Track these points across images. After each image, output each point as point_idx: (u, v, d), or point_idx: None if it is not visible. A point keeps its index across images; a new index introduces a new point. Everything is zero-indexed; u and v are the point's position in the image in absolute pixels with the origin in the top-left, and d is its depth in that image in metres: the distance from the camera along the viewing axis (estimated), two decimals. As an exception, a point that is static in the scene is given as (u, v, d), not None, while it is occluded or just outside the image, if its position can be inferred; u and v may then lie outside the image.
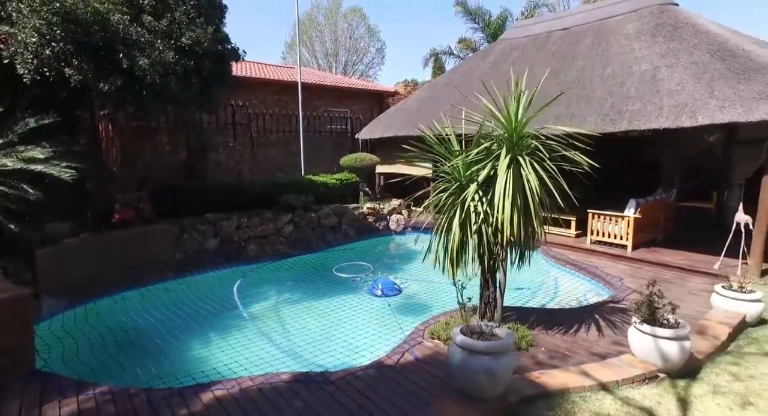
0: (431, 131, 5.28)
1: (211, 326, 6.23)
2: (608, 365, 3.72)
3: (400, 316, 6.32)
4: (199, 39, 6.81)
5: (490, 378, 2.81)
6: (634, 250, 8.61)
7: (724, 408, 3.20)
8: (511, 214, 4.38)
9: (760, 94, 6.28)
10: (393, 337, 5.42)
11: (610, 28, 9.57)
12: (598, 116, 8.01)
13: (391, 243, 11.54)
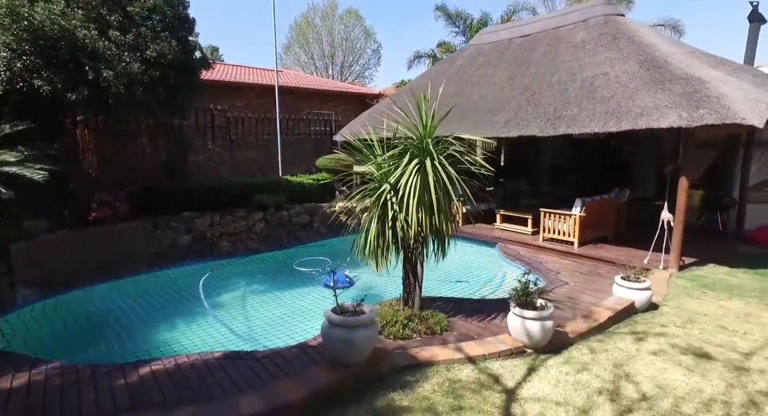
0: (376, 133, 5.82)
1: (173, 314, 6.83)
2: (483, 343, 4.29)
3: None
4: (163, 51, 7.42)
5: (348, 346, 3.39)
6: (581, 246, 9.12)
7: (563, 373, 3.76)
8: (417, 212, 4.94)
9: (670, 103, 6.80)
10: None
11: (562, 37, 10.09)
12: (542, 121, 8.54)
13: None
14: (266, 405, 2.99)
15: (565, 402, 3.33)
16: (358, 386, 3.42)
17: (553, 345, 4.34)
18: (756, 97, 7.03)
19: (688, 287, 6.55)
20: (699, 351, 4.36)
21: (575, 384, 3.59)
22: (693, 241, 9.42)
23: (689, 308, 5.65)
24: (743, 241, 9.63)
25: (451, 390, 3.43)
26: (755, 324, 5.08)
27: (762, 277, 7.04)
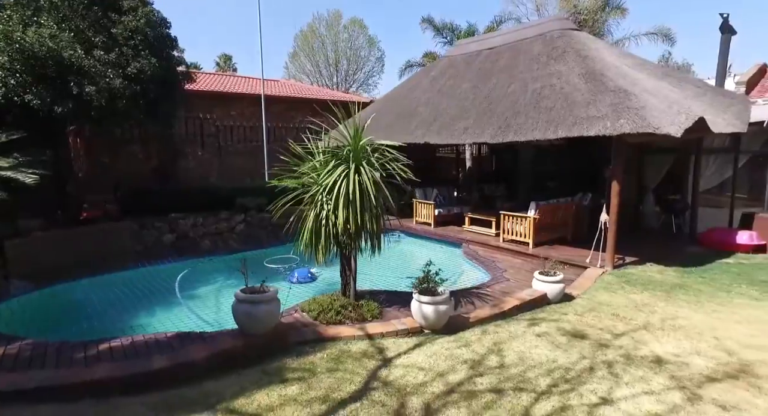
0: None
1: (151, 304, 7.60)
2: (386, 324, 4.96)
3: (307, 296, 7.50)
4: (143, 68, 8.26)
5: (249, 318, 4.10)
6: (537, 247, 9.69)
7: (443, 348, 4.40)
8: (344, 211, 5.63)
9: (599, 113, 7.41)
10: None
11: (521, 49, 10.72)
12: (494, 128, 9.18)
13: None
14: (171, 362, 3.71)
15: (429, 368, 3.98)
16: (261, 352, 4.12)
17: (451, 327, 4.99)
18: (680, 108, 7.60)
19: (612, 282, 7.12)
20: (579, 332, 4.96)
21: (448, 356, 4.24)
22: (646, 242, 9.98)
23: (599, 300, 6.24)
24: (694, 242, 10.09)
25: (337, 357, 4.11)
26: (645, 312, 5.65)
27: (686, 274, 7.55)
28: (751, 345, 4.68)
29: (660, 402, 3.53)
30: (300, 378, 3.70)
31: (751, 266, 8.21)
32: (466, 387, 3.64)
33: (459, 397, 3.48)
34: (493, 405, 3.38)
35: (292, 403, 3.31)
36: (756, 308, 5.87)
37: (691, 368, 4.16)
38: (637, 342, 4.74)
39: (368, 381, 3.68)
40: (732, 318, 5.51)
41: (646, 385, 3.81)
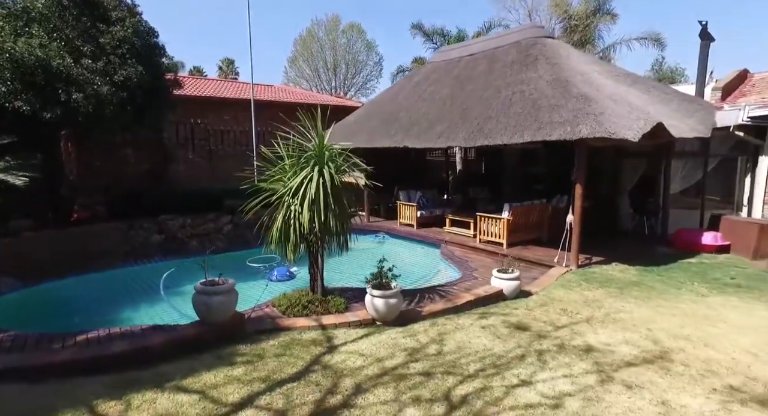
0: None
1: (135, 301, 7.98)
2: (341, 316, 5.32)
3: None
4: (130, 76, 8.68)
5: (206, 308, 4.46)
6: (510, 247, 10.03)
7: (390, 337, 4.74)
8: (309, 211, 5.99)
9: (561, 118, 7.77)
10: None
11: (497, 57, 11.09)
12: (467, 133, 9.54)
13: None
14: (131, 346, 4.08)
15: (370, 354, 4.33)
16: (218, 339, 4.49)
17: (402, 319, 5.34)
18: (640, 114, 7.94)
19: (572, 280, 7.45)
20: (523, 325, 5.31)
21: (391, 345, 4.60)
22: (618, 243, 10.29)
23: (553, 297, 6.57)
24: (664, 243, 10.40)
25: (287, 344, 4.48)
26: (592, 307, 5.99)
27: (646, 273, 7.87)
28: (678, 335, 5.01)
29: (574, 384, 3.87)
30: (248, 362, 4.07)
31: (711, 265, 8.52)
32: (399, 371, 4.00)
33: (389, 379, 3.84)
34: (419, 386, 3.73)
35: (235, 382, 3.67)
36: (697, 303, 6.19)
37: (615, 355, 4.50)
38: (574, 333, 5.08)
39: (309, 365, 4.04)
40: (671, 311, 5.83)
41: (567, 370, 4.15)
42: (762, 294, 6.60)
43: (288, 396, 3.49)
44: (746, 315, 5.76)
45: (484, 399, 3.55)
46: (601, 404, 3.54)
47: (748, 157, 10.49)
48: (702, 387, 3.86)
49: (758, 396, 3.72)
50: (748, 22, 49.30)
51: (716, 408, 3.53)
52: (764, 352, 4.60)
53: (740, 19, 50.14)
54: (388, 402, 3.46)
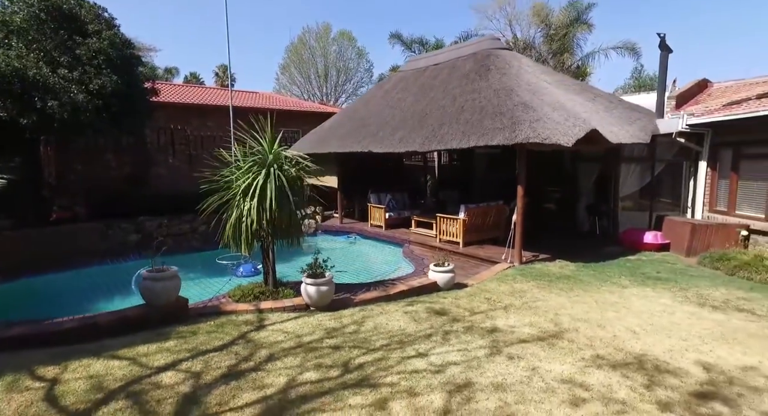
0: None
1: (109, 295, 8.54)
2: (278, 301, 5.92)
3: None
4: (105, 84, 9.29)
5: (150, 292, 5.05)
6: (467, 246, 10.64)
7: (317, 320, 5.34)
8: (258, 210, 6.58)
9: (501, 125, 8.42)
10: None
11: (457, 67, 11.77)
12: (423, 138, 10.18)
13: (303, 243, 13.87)
14: (80, 323, 4.67)
15: (292, 332, 4.93)
16: (162, 320, 5.08)
17: (334, 305, 5.95)
18: (576, 121, 8.58)
19: (509, 275, 8.06)
20: (443, 311, 5.91)
21: (315, 325, 5.19)
22: (571, 242, 10.90)
23: (485, 288, 7.18)
24: (614, 242, 11.02)
25: (221, 324, 5.07)
26: (516, 297, 6.60)
27: (583, 268, 8.48)
28: (579, 319, 5.62)
29: (464, 356, 4.46)
30: (181, 337, 4.66)
31: (646, 261, 9.15)
32: (312, 345, 4.59)
33: (301, 350, 4.43)
34: (324, 356, 4.33)
35: (165, 352, 4.26)
36: (613, 294, 6.81)
37: (514, 335, 5.10)
38: (487, 318, 5.68)
39: (235, 339, 4.63)
40: (584, 300, 6.45)
41: (464, 346, 4.74)
42: (675, 286, 7.23)
43: (207, 362, 4.08)
44: (650, 302, 6.37)
45: (378, 366, 4.14)
46: (478, 370, 4.14)
47: (690, 162, 11.15)
48: (573, 358, 4.46)
49: (615, 362, 4.33)
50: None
51: (575, 371, 4.13)
52: (644, 331, 5.21)
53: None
54: (293, 367, 4.05)
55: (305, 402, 3.45)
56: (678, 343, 4.90)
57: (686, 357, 4.55)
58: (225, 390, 3.60)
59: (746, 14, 50.10)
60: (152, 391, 3.50)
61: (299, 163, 7.49)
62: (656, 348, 4.74)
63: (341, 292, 6.73)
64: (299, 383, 3.77)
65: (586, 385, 3.89)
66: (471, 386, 3.82)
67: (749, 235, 9.13)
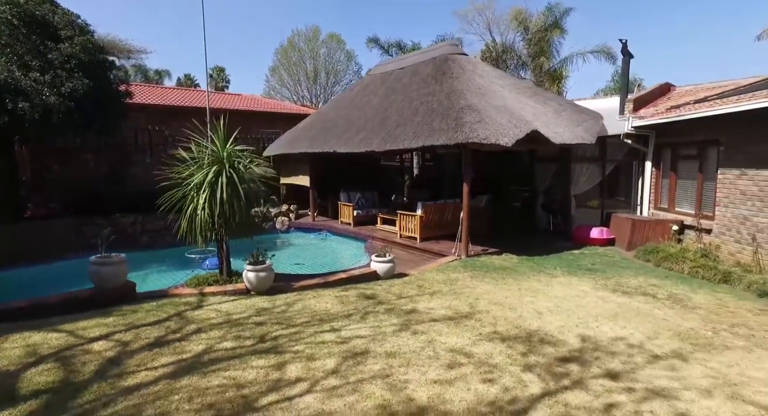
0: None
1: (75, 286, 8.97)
2: (221, 286, 6.47)
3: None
4: (76, 87, 9.81)
5: (97, 277, 5.59)
6: (424, 241, 11.19)
7: (254, 302, 5.89)
8: (210, 205, 7.12)
9: (446, 127, 8.99)
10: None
11: (418, 71, 12.35)
12: (380, 138, 10.75)
13: (276, 240, 14.44)
14: (31, 303, 5.20)
15: (225, 311, 5.48)
16: (109, 301, 5.62)
17: (274, 290, 6.50)
18: (518, 122, 9.16)
19: (451, 266, 8.63)
20: (373, 295, 6.47)
21: (249, 306, 5.74)
22: (527, 238, 11.48)
23: (423, 277, 7.75)
24: (567, 238, 11.62)
25: (163, 304, 5.62)
26: (448, 285, 7.17)
27: (525, 261, 9.05)
28: (496, 303, 6.18)
29: (373, 331, 5.02)
30: (122, 314, 5.20)
31: (587, 254, 9.75)
32: (239, 321, 5.14)
33: (227, 325, 4.98)
34: (246, 330, 4.88)
35: (102, 326, 4.80)
36: (539, 282, 7.38)
37: (429, 315, 5.66)
38: (411, 302, 6.24)
39: (170, 316, 5.18)
40: (509, 287, 7.03)
41: (377, 323, 5.30)
42: (601, 275, 7.82)
43: (138, 334, 4.63)
44: (569, 289, 6.96)
45: (290, 338, 4.70)
46: (380, 342, 4.69)
47: (639, 162, 11.76)
48: (471, 333, 5.03)
49: (507, 336, 4.90)
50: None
51: (466, 343, 4.70)
52: (549, 312, 5.79)
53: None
54: (214, 338, 4.61)
55: (214, 363, 4.00)
56: (572, 321, 5.48)
57: (573, 332, 5.13)
58: (147, 355, 4.15)
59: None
60: (80, 356, 4.04)
61: (254, 161, 7.99)
62: (551, 326, 5.32)
63: (288, 281, 7.29)
64: (215, 350, 4.32)
65: (469, 354, 4.45)
66: (367, 354, 4.38)
67: (681, 229, 9.73)
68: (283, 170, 16.67)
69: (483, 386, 3.76)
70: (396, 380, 3.83)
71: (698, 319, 5.61)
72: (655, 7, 52.84)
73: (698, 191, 9.70)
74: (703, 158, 9.55)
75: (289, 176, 16.38)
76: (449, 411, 3.36)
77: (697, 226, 9.22)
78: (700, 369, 4.18)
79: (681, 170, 10.35)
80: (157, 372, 3.79)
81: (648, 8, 53.09)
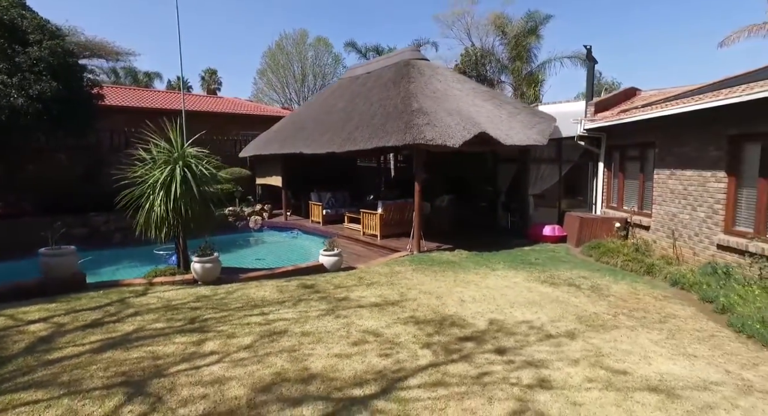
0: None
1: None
2: (170, 277, 6.87)
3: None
4: (44, 90, 10.20)
5: (47, 267, 6.00)
6: (384, 239, 11.63)
7: (197, 290, 6.30)
8: (165, 201, 7.53)
9: (397, 129, 9.45)
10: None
11: (382, 75, 12.84)
12: (341, 140, 11.21)
13: (249, 238, 14.86)
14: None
15: (167, 297, 5.89)
16: (59, 290, 6.01)
17: (220, 281, 6.92)
18: (467, 125, 9.65)
19: (399, 261, 9.08)
20: (312, 286, 6.90)
21: (191, 294, 6.16)
22: (485, 236, 11.93)
23: (369, 271, 8.19)
24: (523, 236, 12.10)
25: (109, 292, 6.02)
26: (388, 276, 7.61)
27: (472, 257, 9.49)
28: (426, 292, 6.63)
29: (299, 315, 5.45)
30: (66, 301, 5.60)
31: (537, 251, 10.22)
32: (176, 306, 5.56)
33: (164, 309, 5.40)
34: (180, 313, 5.29)
35: (44, 311, 5.20)
36: (477, 275, 7.83)
37: (358, 303, 6.09)
38: (346, 291, 6.68)
39: (112, 302, 5.59)
40: (444, 279, 7.48)
41: (307, 308, 5.73)
42: (539, 269, 8.29)
43: (76, 317, 5.04)
44: (503, 281, 7.41)
45: (218, 321, 5.12)
46: (300, 324, 5.13)
47: (593, 163, 12.29)
48: (390, 318, 5.47)
49: (422, 320, 5.35)
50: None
51: (380, 326, 5.14)
52: (473, 300, 6.23)
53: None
54: (148, 320, 5.02)
55: (139, 340, 4.43)
56: (490, 308, 5.94)
57: (485, 317, 5.59)
58: (79, 334, 4.56)
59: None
60: (15, 335, 4.45)
61: (211, 161, 8.39)
62: (467, 312, 5.77)
63: (239, 274, 7.73)
64: (144, 329, 4.74)
65: (379, 334, 4.90)
66: (284, 333, 4.82)
67: (626, 226, 10.25)
68: (259, 171, 17.13)
69: (377, 359, 4.21)
70: (300, 354, 4.26)
71: (606, 305, 6.09)
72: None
73: (640, 190, 10.23)
74: (644, 159, 10.09)
75: (263, 177, 16.81)
76: (336, 377, 3.80)
77: (630, 222, 9.77)
78: (581, 345, 4.66)
79: (627, 170, 10.88)
80: (84, 348, 4.20)
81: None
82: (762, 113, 6.46)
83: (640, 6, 54.21)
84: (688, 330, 5.17)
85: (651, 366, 4.16)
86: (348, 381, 3.75)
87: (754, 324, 4.96)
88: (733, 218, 7.35)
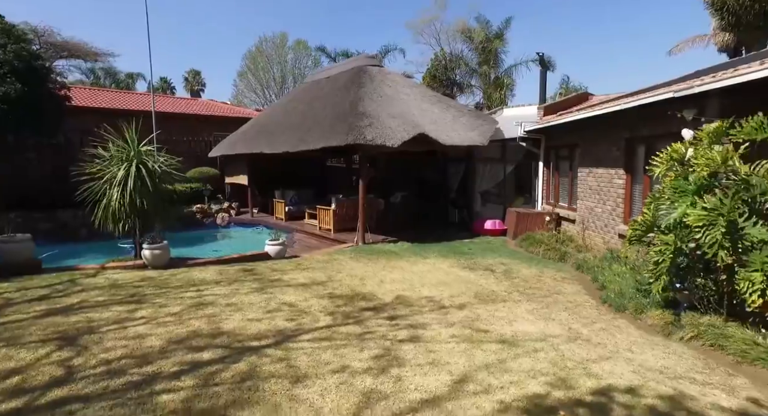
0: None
1: None
2: (123, 262, 7.57)
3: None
4: (9, 92, 10.78)
5: (2, 253, 6.67)
6: (338, 233, 12.38)
7: (145, 274, 7.02)
8: (121, 196, 8.20)
9: (342, 130, 10.25)
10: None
11: (337, 79, 13.65)
12: (295, 140, 11.97)
13: (216, 233, 15.51)
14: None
15: (115, 278, 6.61)
16: (15, 273, 6.67)
17: (171, 266, 7.63)
18: (407, 127, 10.49)
19: (341, 251, 9.87)
20: (252, 270, 7.65)
21: (139, 276, 6.87)
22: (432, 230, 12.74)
23: (311, 259, 8.97)
24: (469, 230, 12.98)
25: (62, 275, 6.70)
26: (323, 263, 8.41)
27: (411, 248, 10.28)
28: (353, 275, 7.42)
29: (232, 292, 6.19)
30: (20, 281, 6.28)
31: (475, 243, 11.07)
32: (121, 285, 6.28)
33: (109, 288, 6.11)
34: (123, 291, 6.01)
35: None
36: (408, 262, 8.64)
37: (287, 283, 6.87)
38: (281, 274, 7.45)
39: (63, 282, 6.29)
40: (374, 265, 8.29)
41: (238, 287, 6.48)
42: (467, 258, 9.11)
43: (25, 293, 5.73)
44: (429, 267, 8.21)
45: (157, 296, 5.86)
46: (228, 298, 5.88)
47: (535, 163, 13.25)
48: (309, 293, 6.25)
49: (336, 295, 6.15)
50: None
51: (297, 299, 5.92)
52: (392, 282, 7.03)
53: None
54: (91, 296, 5.74)
55: (80, 309, 5.15)
56: (403, 287, 6.75)
57: (395, 294, 6.39)
58: (26, 305, 5.26)
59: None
60: (-30, 304, 5.14)
61: (167, 160, 9.07)
62: (381, 290, 6.57)
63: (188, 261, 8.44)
64: (87, 301, 5.46)
65: (293, 305, 5.68)
66: (211, 304, 5.57)
67: (557, 220, 11.19)
68: (227, 170, 17.80)
69: (283, 322, 5.00)
70: (218, 318, 5.03)
71: (507, 285, 6.96)
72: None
73: (570, 188, 11.18)
74: (572, 158, 11.05)
75: (231, 176, 17.48)
76: (241, 334, 4.58)
77: (557, 216, 10.70)
78: (464, 314, 5.50)
79: (561, 169, 11.83)
80: (28, 315, 4.92)
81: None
82: (642, 118, 7.44)
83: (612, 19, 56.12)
84: (563, 302, 6.05)
85: (511, 327, 5.02)
86: (250, 336, 4.53)
87: (613, 296, 5.88)
88: (629, 210, 8.31)
